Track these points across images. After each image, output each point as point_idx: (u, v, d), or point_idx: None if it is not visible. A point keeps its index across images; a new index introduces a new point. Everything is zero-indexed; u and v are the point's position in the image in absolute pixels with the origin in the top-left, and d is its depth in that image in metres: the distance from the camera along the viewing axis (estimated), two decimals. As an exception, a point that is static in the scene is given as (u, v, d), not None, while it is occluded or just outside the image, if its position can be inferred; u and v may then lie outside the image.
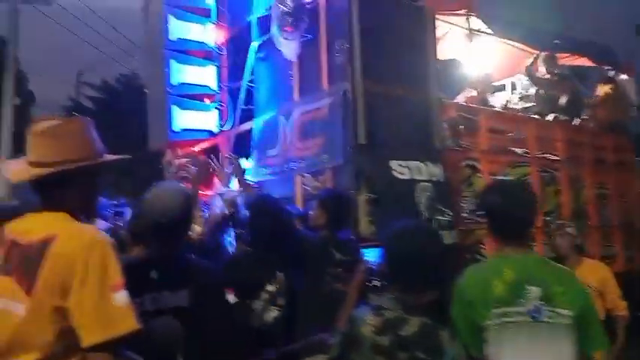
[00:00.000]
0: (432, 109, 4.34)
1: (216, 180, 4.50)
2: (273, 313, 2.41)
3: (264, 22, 5.19)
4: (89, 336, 1.41)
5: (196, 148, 6.10)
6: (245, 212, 2.83)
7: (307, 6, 4.32)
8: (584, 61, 7.64)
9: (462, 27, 6.05)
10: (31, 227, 1.56)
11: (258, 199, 2.95)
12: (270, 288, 2.45)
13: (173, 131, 5.18)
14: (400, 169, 4.03)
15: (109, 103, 20.43)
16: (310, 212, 3.30)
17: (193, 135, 5.44)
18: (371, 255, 1.76)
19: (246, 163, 4.84)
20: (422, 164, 4.16)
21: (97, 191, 1.73)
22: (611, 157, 7.00)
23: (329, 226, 3.06)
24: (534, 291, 1.88)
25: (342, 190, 3.62)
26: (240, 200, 3.34)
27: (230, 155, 4.36)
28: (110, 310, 1.42)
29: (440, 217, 4.21)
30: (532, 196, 2.13)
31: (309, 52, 4.41)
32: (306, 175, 4.35)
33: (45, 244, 1.47)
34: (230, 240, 3.40)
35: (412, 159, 4.13)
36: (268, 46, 5.08)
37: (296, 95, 4.55)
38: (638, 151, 7.43)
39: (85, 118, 1.71)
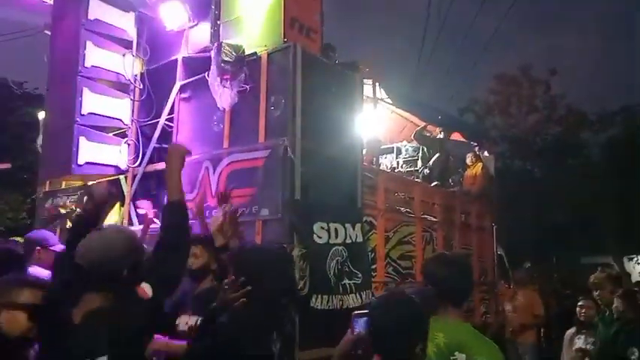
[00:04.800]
0: (357, 170, 4.63)
1: None
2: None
3: (190, 63, 5.14)
4: None
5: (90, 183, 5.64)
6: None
7: (247, 58, 4.40)
8: (457, 136, 8.79)
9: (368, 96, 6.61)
10: None
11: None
12: None
13: (77, 164, 4.72)
14: (320, 233, 4.14)
15: None
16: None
17: (98, 169, 5.02)
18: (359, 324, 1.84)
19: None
20: (341, 226, 4.33)
21: None
22: (474, 222, 8.02)
23: None
24: (461, 358, 2.10)
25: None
26: None
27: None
28: None
29: (347, 281, 4.34)
30: (471, 269, 2.44)
31: (244, 103, 4.45)
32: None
33: None
34: None
35: (335, 220, 4.27)
36: (194, 87, 5.02)
37: (225, 143, 4.53)
38: (494, 219, 8.59)
39: None
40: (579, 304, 4.78)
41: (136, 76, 5.38)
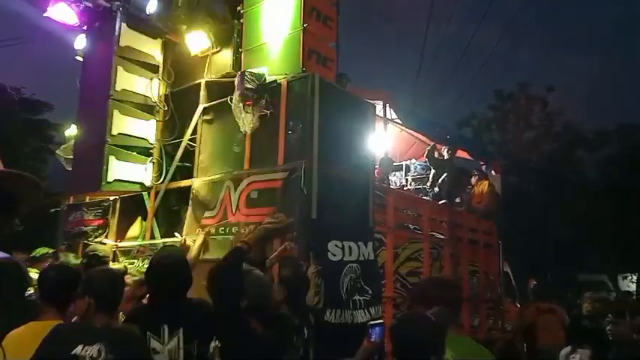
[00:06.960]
0: (368, 190, 4.91)
1: None
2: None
3: (213, 87, 5.45)
4: None
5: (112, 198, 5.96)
6: None
7: (269, 86, 4.70)
8: (461, 154, 9.05)
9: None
10: None
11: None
12: None
13: (107, 181, 5.04)
14: (334, 250, 4.40)
15: None
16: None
17: (125, 186, 5.33)
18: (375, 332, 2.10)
19: None
20: (354, 244, 4.59)
21: None
22: (481, 239, 8.22)
23: (288, 302, 3.34)
24: None
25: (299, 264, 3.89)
26: None
27: None
28: None
29: (358, 297, 4.57)
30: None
31: (264, 127, 4.74)
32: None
33: None
34: None
35: (348, 238, 4.53)
36: (216, 110, 5.32)
37: (246, 164, 4.82)
38: (499, 236, 8.79)
39: None
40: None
41: (160, 97, 5.70)
